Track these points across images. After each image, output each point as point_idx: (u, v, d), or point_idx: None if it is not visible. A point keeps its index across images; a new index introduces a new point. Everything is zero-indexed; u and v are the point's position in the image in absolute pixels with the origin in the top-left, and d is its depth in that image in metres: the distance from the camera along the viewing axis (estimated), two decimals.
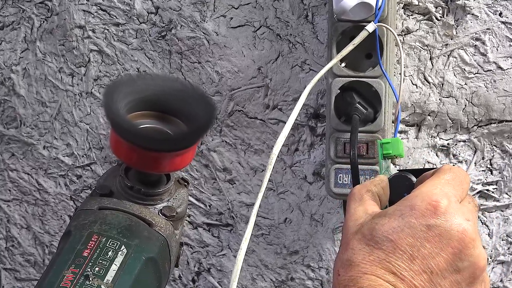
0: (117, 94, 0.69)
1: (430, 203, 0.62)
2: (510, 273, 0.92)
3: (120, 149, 0.70)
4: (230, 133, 0.96)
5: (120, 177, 0.74)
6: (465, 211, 0.63)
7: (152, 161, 0.70)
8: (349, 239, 0.64)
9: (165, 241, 0.71)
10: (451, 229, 0.61)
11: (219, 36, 0.93)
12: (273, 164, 0.72)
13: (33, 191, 1.08)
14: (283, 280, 1.00)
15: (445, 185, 0.64)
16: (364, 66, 0.84)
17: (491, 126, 0.88)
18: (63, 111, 1.03)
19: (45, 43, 1.00)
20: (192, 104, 0.71)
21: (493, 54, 0.85)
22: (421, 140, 0.90)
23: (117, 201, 0.72)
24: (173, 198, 0.75)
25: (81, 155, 1.04)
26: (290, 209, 0.97)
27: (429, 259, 0.61)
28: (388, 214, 0.63)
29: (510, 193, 0.90)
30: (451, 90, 0.87)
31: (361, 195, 0.68)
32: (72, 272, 0.65)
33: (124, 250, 0.68)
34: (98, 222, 0.70)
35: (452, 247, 0.61)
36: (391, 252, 0.61)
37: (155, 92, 0.72)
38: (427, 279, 0.61)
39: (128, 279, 0.66)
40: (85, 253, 0.67)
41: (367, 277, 0.61)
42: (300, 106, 0.75)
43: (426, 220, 0.62)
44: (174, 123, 0.72)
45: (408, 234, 0.62)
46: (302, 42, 0.90)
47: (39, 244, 1.10)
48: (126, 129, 0.68)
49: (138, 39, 0.96)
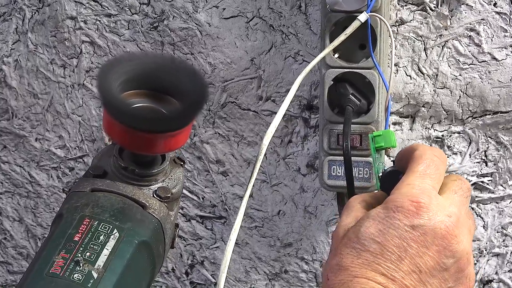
0: (111, 75, 0.68)
1: (412, 204, 0.63)
2: (505, 265, 0.93)
3: (113, 130, 0.69)
4: (223, 125, 0.96)
5: (114, 157, 0.73)
6: (447, 205, 0.64)
7: (146, 142, 0.68)
8: (337, 245, 0.65)
9: (158, 223, 0.70)
10: (434, 227, 0.62)
11: (212, 27, 0.92)
12: (262, 155, 0.72)
13: (25, 184, 1.08)
14: (276, 272, 1.01)
15: (422, 178, 0.65)
16: (357, 57, 0.83)
17: (485, 117, 0.88)
18: (55, 103, 1.02)
19: (37, 34, 1.00)
20: (185, 81, 0.70)
21: (488, 44, 0.85)
22: (415, 132, 0.90)
23: (110, 183, 0.71)
24: (169, 179, 0.74)
25: (74, 147, 1.04)
26: (284, 201, 0.97)
27: (416, 258, 0.62)
28: (371, 216, 0.64)
29: (505, 185, 0.90)
30: (445, 81, 0.87)
31: (354, 204, 0.68)
32: (62, 257, 0.64)
33: (116, 234, 0.67)
34: (90, 205, 0.69)
35: (436, 245, 0.62)
36: (379, 253, 0.62)
37: (148, 70, 0.70)
38: (417, 279, 0.62)
39: (120, 263, 0.66)
40: (76, 237, 0.66)
41: (358, 280, 0.61)
42: (291, 97, 0.75)
43: (410, 221, 0.62)
44: (168, 102, 0.71)
45: (393, 235, 0.62)
46: (295, 33, 0.90)
47: (32, 237, 1.10)
48: (118, 109, 0.66)
49: (130, 30, 0.96)
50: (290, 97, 0.75)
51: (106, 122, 0.69)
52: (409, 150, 0.69)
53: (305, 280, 1.00)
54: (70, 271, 0.63)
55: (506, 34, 0.85)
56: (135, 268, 0.67)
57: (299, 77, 0.76)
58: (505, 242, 0.92)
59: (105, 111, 0.68)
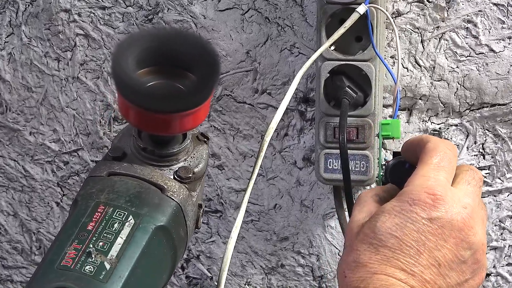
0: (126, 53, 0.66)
1: (428, 196, 0.62)
2: (503, 259, 0.93)
3: (127, 111, 0.67)
4: (218, 118, 0.96)
5: (133, 138, 0.71)
6: (461, 196, 0.63)
7: (163, 123, 0.66)
8: (352, 241, 0.64)
9: (178, 206, 0.68)
10: (451, 220, 0.62)
11: (207, 19, 0.92)
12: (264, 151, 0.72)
13: (20, 178, 1.08)
14: (273, 267, 1.01)
15: (437, 171, 0.64)
16: (354, 49, 0.84)
17: (483, 110, 0.88)
18: (49, 96, 1.03)
19: (31, 27, 1.00)
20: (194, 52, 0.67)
21: (485, 36, 0.85)
22: (412, 125, 0.90)
23: (127, 166, 0.69)
24: (191, 157, 0.72)
25: (68, 141, 1.04)
26: (280, 195, 0.98)
27: (435, 251, 0.61)
28: (387, 210, 0.63)
29: (502, 178, 0.90)
30: (442, 74, 0.87)
31: (367, 198, 0.68)
32: (74, 248, 0.63)
33: (131, 221, 0.65)
34: (105, 190, 0.68)
35: (453, 237, 0.62)
36: (398, 248, 0.61)
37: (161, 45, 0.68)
38: (436, 272, 0.61)
39: (135, 252, 0.64)
40: (90, 226, 0.65)
41: (378, 277, 0.61)
42: (292, 93, 0.75)
43: (427, 214, 0.62)
44: (186, 77, 0.68)
45: (411, 229, 0.62)
46: (291, 25, 0.90)
47: (26, 232, 1.11)
48: (132, 89, 0.64)
49: (124, 23, 0.96)
50: (291, 93, 0.75)
51: (120, 103, 0.68)
52: (418, 141, 0.68)
53: (301, 274, 1.00)
54: (81, 263, 0.63)
55: (504, 25, 0.85)
56: (152, 255, 0.66)
57: (299, 73, 0.76)
58: (503, 235, 0.92)
59: (118, 92, 0.67)
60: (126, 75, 0.64)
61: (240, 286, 1.03)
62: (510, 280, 0.94)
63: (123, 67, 0.64)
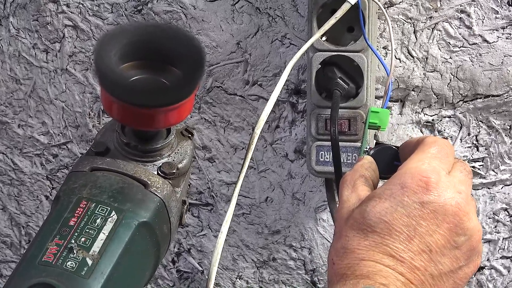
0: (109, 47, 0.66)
1: (421, 179, 0.61)
2: (497, 252, 0.93)
3: (111, 106, 0.67)
4: (209, 110, 0.96)
5: (117, 133, 0.71)
6: (456, 182, 0.62)
7: (146, 118, 0.66)
8: (341, 227, 0.63)
9: (161, 202, 0.69)
10: (445, 204, 0.61)
11: (197, 10, 0.92)
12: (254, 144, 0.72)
13: (8, 171, 1.09)
14: (264, 260, 1.01)
15: (432, 159, 0.63)
16: (345, 40, 0.83)
17: (477, 101, 0.88)
18: (38, 88, 1.03)
19: (18, 18, 1.00)
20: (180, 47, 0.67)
21: (479, 26, 0.85)
22: (405, 116, 0.90)
23: (110, 161, 0.70)
24: (175, 153, 0.72)
25: (57, 134, 1.05)
26: (272, 187, 0.98)
27: (426, 237, 0.60)
28: (377, 195, 0.62)
29: (496, 170, 0.90)
30: (435, 64, 0.87)
31: (354, 181, 0.67)
32: (56, 244, 0.63)
33: (114, 217, 0.66)
34: (88, 185, 0.68)
35: (447, 222, 0.61)
36: (387, 234, 0.61)
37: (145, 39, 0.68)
38: (427, 259, 0.60)
39: (117, 248, 0.65)
40: (71, 221, 0.65)
41: (365, 263, 0.60)
42: (282, 84, 0.75)
43: (419, 197, 0.61)
44: (170, 72, 0.68)
45: (402, 213, 0.61)
46: (282, 15, 0.90)
47: (16, 225, 1.11)
48: (115, 84, 0.64)
49: (113, 14, 0.96)
50: (281, 85, 0.74)
51: (103, 98, 0.67)
52: (417, 139, 0.68)
53: (293, 268, 1.01)
54: (63, 259, 0.63)
55: (497, 16, 0.84)
56: (134, 251, 0.66)
57: (289, 64, 0.76)
58: (497, 228, 0.92)
59: (102, 87, 0.67)
60: (109, 69, 0.64)
61: (231, 280, 1.04)
62: (504, 273, 0.94)
63: (105, 61, 0.64)
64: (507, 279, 0.94)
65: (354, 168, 0.69)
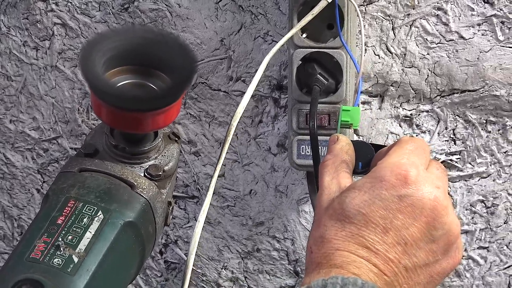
0: (95, 53, 0.66)
1: (400, 173, 0.61)
2: (474, 242, 0.93)
3: (100, 110, 0.67)
4: (194, 106, 0.96)
5: (106, 135, 0.72)
6: (434, 178, 0.62)
7: (134, 121, 0.67)
8: (321, 216, 0.63)
9: (147, 203, 0.69)
10: (423, 198, 0.61)
11: (182, 8, 0.92)
12: (231, 135, 0.73)
13: (1, 165, 1.08)
14: (249, 251, 1.01)
15: (410, 154, 0.63)
16: (325, 36, 0.84)
17: (453, 96, 0.88)
18: (28, 84, 1.02)
19: (9, 16, 1.00)
20: (174, 55, 0.68)
21: (455, 23, 0.85)
22: (384, 111, 0.90)
23: (98, 162, 0.70)
24: (161, 155, 0.73)
25: (47, 129, 1.04)
26: (255, 180, 0.98)
27: (402, 230, 0.60)
28: (357, 187, 0.62)
29: (473, 163, 0.90)
30: (413, 60, 0.87)
31: (336, 167, 0.67)
32: (44, 241, 0.64)
33: (100, 216, 0.66)
34: (76, 186, 0.68)
35: (425, 216, 0.61)
36: (364, 225, 0.61)
37: (134, 44, 0.68)
38: (402, 251, 0.60)
39: (103, 247, 0.65)
40: (59, 220, 0.65)
41: (340, 253, 0.60)
42: (259, 77, 0.75)
43: (397, 191, 0.61)
44: (158, 77, 0.69)
45: (379, 206, 0.61)
46: (264, 13, 0.90)
47: (8, 218, 1.11)
48: (102, 89, 0.65)
49: (101, 12, 0.96)
50: (258, 78, 0.75)
51: (93, 102, 0.68)
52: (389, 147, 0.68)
53: (277, 258, 1.00)
54: (50, 256, 0.63)
55: (473, 12, 0.84)
56: (120, 250, 0.67)
57: (266, 57, 0.77)
58: (474, 219, 0.92)
59: (91, 92, 0.67)
60: (94, 76, 0.64)
61: (217, 270, 1.03)
62: (481, 263, 0.94)
63: (91, 67, 0.64)
64: (484, 269, 0.94)
65: (334, 152, 0.68)
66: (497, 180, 0.90)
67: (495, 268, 0.94)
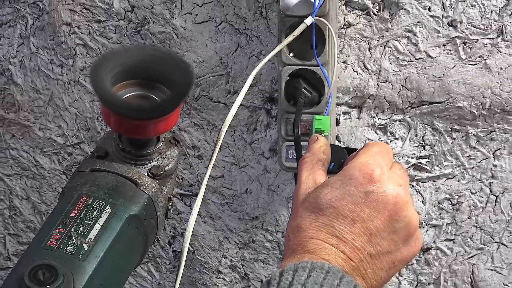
0: (103, 69, 0.67)
1: (366, 172, 0.63)
2: (442, 235, 0.95)
3: (109, 118, 0.69)
4: (197, 115, 0.98)
5: (115, 140, 0.73)
6: (396, 177, 0.65)
7: (138, 128, 0.68)
8: (297, 207, 0.65)
9: (149, 198, 0.71)
10: (386, 194, 0.63)
11: (186, 30, 0.94)
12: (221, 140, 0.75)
13: (31, 167, 1.09)
14: (245, 242, 1.02)
15: (376, 156, 0.66)
16: (310, 55, 0.84)
17: (422, 107, 0.90)
18: (55, 97, 1.03)
19: (38, 38, 1.01)
20: (172, 69, 0.69)
21: (424, 44, 0.87)
22: (362, 120, 0.92)
23: (108, 163, 0.71)
24: (163, 157, 0.74)
25: (71, 136, 1.05)
26: (251, 181, 0.99)
27: (368, 222, 0.62)
28: (330, 184, 0.64)
29: (440, 165, 0.92)
30: (387, 76, 0.89)
31: (313, 164, 0.68)
32: (59, 232, 0.65)
33: (108, 210, 0.67)
34: (88, 183, 0.69)
35: (388, 210, 0.63)
36: (334, 217, 0.63)
37: (139, 61, 0.69)
38: (367, 240, 0.62)
39: (109, 236, 0.66)
40: (72, 213, 0.67)
41: (313, 241, 0.62)
42: (247, 86, 0.76)
43: (364, 188, 0.63)
44: (160, 89, 0.70)
45: (349, 201, 0.63)
46: (257, 35, 0.92)
47: (38, 213, 1.11)
48: (111, 101, 0.66)
49: (117, 34, 0.98)
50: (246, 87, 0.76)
51: (103, 111, 0.70)
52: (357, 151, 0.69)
53: (269, 249, 1.02)
54: (64, 245, 0.65)
55: (439, 34, 0.87)
56: (124, 239, 0.68)
57: (253, 72, 0.78)
58: (441, 215, 0.94)
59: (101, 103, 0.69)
60: (103, 89, 0.65)
61: (217, 259, 1.04)
62: (448, 253, 0.96)
63: (100, 83, 0.65)
64: (450, 258, 0.96)
65: (312, 151, 0.69)
66: (461, 181, 0.93)
67: (460, 258, 0.95)
